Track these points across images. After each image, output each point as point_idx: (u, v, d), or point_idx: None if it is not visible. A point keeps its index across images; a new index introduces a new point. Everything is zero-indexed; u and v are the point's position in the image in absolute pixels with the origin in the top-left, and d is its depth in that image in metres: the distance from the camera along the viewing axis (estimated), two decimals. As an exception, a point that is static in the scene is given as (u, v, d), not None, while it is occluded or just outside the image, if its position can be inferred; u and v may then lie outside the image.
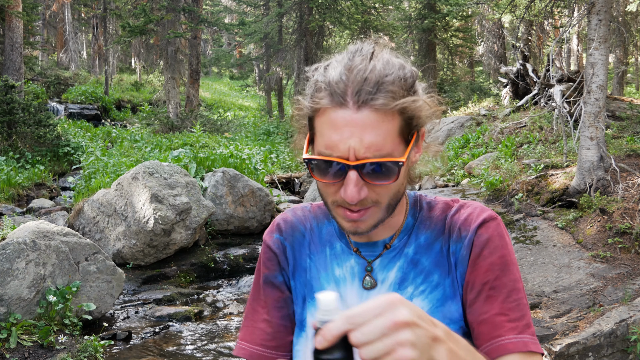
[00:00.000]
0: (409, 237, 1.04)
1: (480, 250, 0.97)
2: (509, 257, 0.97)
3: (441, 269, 1.01)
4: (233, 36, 30.90)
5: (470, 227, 0.99)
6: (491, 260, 0.96)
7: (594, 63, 6.14)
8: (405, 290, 1.00)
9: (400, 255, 1.03)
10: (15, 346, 4.28)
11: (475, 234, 0.98)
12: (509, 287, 0.95)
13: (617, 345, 4.03)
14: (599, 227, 5.73)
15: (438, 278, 1.00)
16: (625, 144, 7.55)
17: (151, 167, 6.99)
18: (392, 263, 1.03)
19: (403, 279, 1.01)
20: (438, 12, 17.42)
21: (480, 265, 0.97)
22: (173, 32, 15.93)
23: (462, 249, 0.99)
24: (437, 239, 1.03)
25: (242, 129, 18.22)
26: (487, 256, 0.97)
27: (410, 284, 1.01)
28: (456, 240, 1.00)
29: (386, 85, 0.88)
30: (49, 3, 26.80)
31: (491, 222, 0.99)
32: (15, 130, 11.35)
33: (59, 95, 20.65)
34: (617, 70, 17.97)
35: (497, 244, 0.97)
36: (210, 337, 5.20)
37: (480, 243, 0.97)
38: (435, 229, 1.04)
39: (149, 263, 6.88)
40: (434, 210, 1.06)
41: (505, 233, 1.00)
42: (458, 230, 1.01)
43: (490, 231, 0.98)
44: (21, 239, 4.76)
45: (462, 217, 1.01)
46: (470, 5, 14.28)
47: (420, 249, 1.03)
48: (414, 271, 1.01)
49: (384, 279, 1.02)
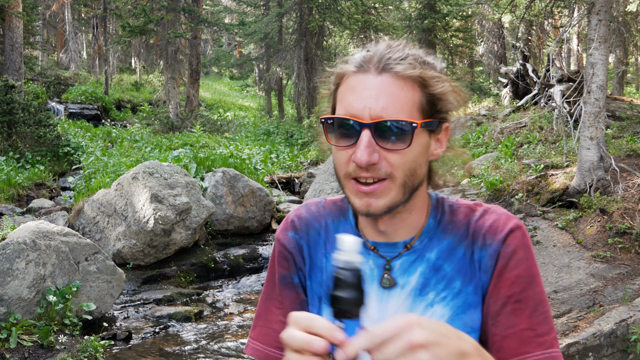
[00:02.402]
0: (431, 239, 1.01)
1: (506, 262, 0.95)
2: (534, 268, 0.96)
3: (464, 276, 0.98)
4: (233, 36, 30.90)
5: (496, 236, 0.97)
6: (517, 272, 0.94)
7: (594, 63, 6.14)
8: (426, 297, 0.98)
9: (421, 260, 1.00)
10: (15, 346, 4.28)
11: (503, 244, 0.96)
12: (535, 300, 0.94)
13: (617, 345, 4.03)
14: (599, 227, 5.73)
15: (460, 285, 0.98)
16: (625, 144, 7.55)
17: (151, 167, 6.99)
18: (414, 267, 1.00)
19: (424, 285, 0.99)
20: (438, 12, 17.42)
21: (507, 277, 0.95)
22: (173, 32, 15.93)
23: (486, 258, 0.97)
24: (459, 244, 1.00)
25: (242, 129, 18.22)
26: (513, 268, 0.95)
27: (431, 290, 0.98)
28: (481, 247, 0.98)
29: (409, 59, 0.94)
30: (49, 3, 26.80)
31: (517, 232, 0.97)
32: (15, 130, 11.35)
33: (59, 95, 20.65)
34: (617, 70, 17.96)
35: (523, 256, 0.95)
36: (210, 337, 5.20)
37: (507, 254, 0.95)
38: (458, 233, 1.00)
39: (149, 263, 6.88)
40: (456, 213, 1.02)
41: (530, 243, 0.98)
42: (483, 237, 0.98)
43: (517, 242, 0.96)
44: (21, 239, 4.76)
45: (487, 224, 0.98)
46: (470, 5, 14.28)
47: (443, 254, 1.00)
48: (436, 277, 0.99)
49: (405, 283, 1.00)
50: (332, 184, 6.67)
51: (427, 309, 0.97)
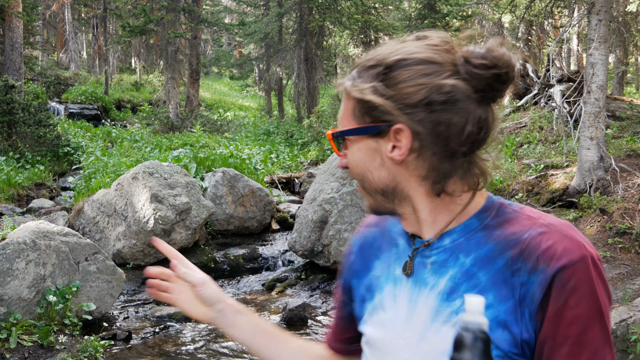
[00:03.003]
0: (468, 240, 0.95)
1: (565, 300, 0.85)
2: (599, 307, 0.86)
3: (498, 290, 0.90)
4: (233, 36, 30.90)
5: (551, 263, 0.86)
6: (578, 311, 0.85)
7: (594, 63, 6.14)
8: (453, 303, 0.93)
9: (454, 262, 0.95)
10: (15, 346, 4.28)
11: (555, 276, 0.85)
12: (595, 343, 0.85)
13: (617, 345, 4.03)
14: (599, 227, 5.73)
15: (492, 299, 0.89)
16: (625, 144, 7.55)
17: (151, 167, 6.99)
18: (445, 269, 0.95)
19: (453, 290, 0.93)
20: (438, 12, 17.42)
21: (565, 316, 0.85)
22: (173, 32, 15.93)
23: (534, 285, 0.87)
24: (502, 253, 0.91)
25: (242, 129, 18.22)
26: (573, 306, 0.85)
27: (459, 297, 0.92)
28: (530, 270, 0.88)
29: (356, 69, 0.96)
30: (49, 3, 26.81)
31: (579, 264, 0.85)
32: (15, 130, 11.35)
33: (59, 95, 20.65)
34: (617, 70, 17.97)
35: (586, 292, 0.85)
36: (210, 337, 5.20)
37: (566, 291, 0.85)
38: (504, 242, 0.91)
39: (149, 263, 6.88)
40: (511, 221, 0.93)
41: (597, 274, 0.86)
42: (536, 260, 0.87)
43: (578, 276, 0.85)
44: (21, 239, 4.76)
45: (545, 245, 0.87)
46: (470, 6, 14.28)
47: (479, 261, 0.92)
48: (467, 284, 0.92)
49: (435, 284, 0.95)
50: (332, 184, 6.67)
51: (451, 316, 0.93)
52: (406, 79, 0.89)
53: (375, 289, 1.07)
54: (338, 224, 6.40)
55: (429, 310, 0.95)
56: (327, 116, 16.99)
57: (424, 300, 0.96)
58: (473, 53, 0.90)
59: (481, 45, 0.92)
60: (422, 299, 0.97)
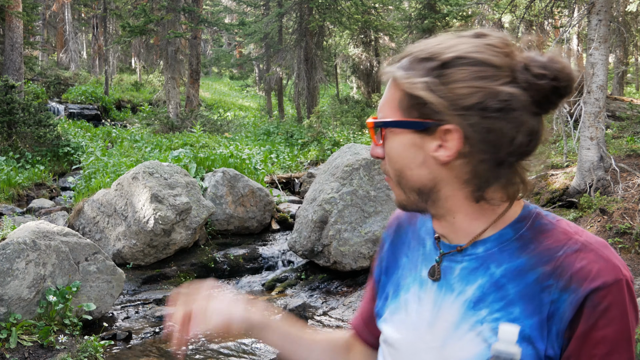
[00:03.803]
0: (501, 251, 0.92)
1: (595, 321, 0.84)
2: (627, 331, 0.85)
3: (526, 305, 0.88)
4: (233, 36, 30.90)
5: (584, 283, 0.84)
6: (605, 332, 0.84)
7: (594, 63, 6.14)
8: (479, 312, 0.91)
9: (484, 272, 0.93)
10: (15, 346, 4.28)
11: (588, 297, 0.84)
12: None
13: (617, 345, 4.03)
14: (599, 227, 5.73)
15: (519, 313, 0.88)
16: (625, 144, 7.55)
17: (151, 167, 6.99)
18: (474, 277, 0.94)
19: (480, 299, 0.92)
20: (438, 12, 17.42)
21: (593, 337, 0.84)
22: (173, 32, 15.93)
23: (565, 304, 0.85)
24: (535, 268, 0.89)
25: (242, 129, 18.22)
26: (601, 328, 0.84)
27: (486, 307, 0.91)
28: (562, 288, 0.86)
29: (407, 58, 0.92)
30: (49, 3, 26.81)
31: (613, 287, 0.84)
32: (15, 130, 11.35)
33: (59, 95, 20.65)
34: (617, 70, 17.97)
35: (617, 315, 0.84)
36: (210, 337, 5.20)
37: (597, 312, 0.84)
38: (537, 256, 0.89)
39: (149, 263, 6.88)
40: (547, 234, 0.91)
41: (629, 298, 0.85)
42: (569, 279, 0.86)
43: (610, 299, 0.84)
44: (21, 239, 4.76)
45: (579, 264, 0.86)
46: (470, 6, 14.28)
47: (510, 273, 0.90)
48: (495, 294, 0.91)
49: (461, 291, 0.94)
50: (332, 184, 6.67)
51: (476, 326, 0.91)
52: (462, 78, 0.86)
53: (401, 289, 1.06)
54: (338, 224, 6.40)
55: (453, 317, 0.94)
56: (327, 116, 16.99)
57: (449, 306, 0.95)
58: (534, 61, 0.87)
59: (542, 53, 0.89)
60: (447, 304, 0.96)
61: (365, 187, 6.54)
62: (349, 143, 8.62)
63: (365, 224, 6.39)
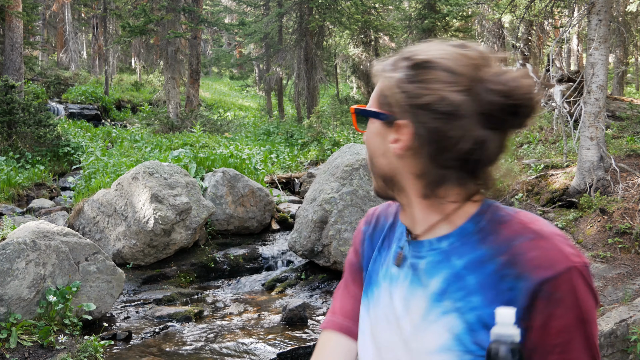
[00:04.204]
0: (463, 244, 0.96)
1: (551, 311, 0.87)
2: (586, 314, 0.88)
3: (485, 294, 0.91)
4: (233, 36, 30.90)
5: (536, 272, 0.88)
6: (564, 322, 0.87)
7: (594, 63, 6.14)
8: (443, 304, 0.95)
9: (447, 264, 0.96)
10: (15, 346, 4.28)
11: (540, 287, 0.87)
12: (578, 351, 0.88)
13: (617, 345, 4.03)
14: (599, 227, 5.73)
15: (479, 302, 0.92)
16: (625, 144, 7.55)
17: (151, 167, 6.99)
18: (437, 270, 0.97)
19: (443, 291, 0.96)
20: (438, 12, 17.42)
21: (552, 326, 0.88)
22: (173, 32, 15.93)
23: (518, 292, 0.89)
24: (493, 259, 0.92)
25: (242, 129, 18.21)
26: (559, 317, 0.87)
27: (448, 298, 0.95)
28: (517, 277, 0.89)
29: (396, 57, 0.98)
30: (49, 3, 26.81)
31: (564, 275, 0.87)
32: (15, 130, 11.35)
33: (59, 95, 20.65)
34: (617, 70, 17.96)
35: (571, 304, 0.87)
36: (210, 337, 5.20)
37: (552, 302, 0.87)
38: (496, 247, 0.93)
39: (149, 263, 6.88)
40: (503, 226, 0.94)
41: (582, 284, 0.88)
42: (522, 267, 0.89)
43: (564, 288, 0.87)
44: (21, 239, 4.76)
45: (532, 253, 0.89)
46: (470, 6, 14.28)
47: (471, 264, 0.94)
48: (456, 285, 0.94)
49: (427, 285, 0.98)
50: (332, 184, 6.66)
51: (441, 317, 0.95)
52: (424, 80, 0.91)
53: (373, 283, 1.10)
54: (338, 224, 6.40)
55: (420, 310, 0.98)
56: (327, 116, 16.99)
57: (418, 300, 0.99)
58: (495, 76, 0.90)
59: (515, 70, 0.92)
60: (416, 298, 0.99)
61: (365, 187, 6.54)
62: (349, 143, 8.62)
63: (365, 224, 6.39)
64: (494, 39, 19.35)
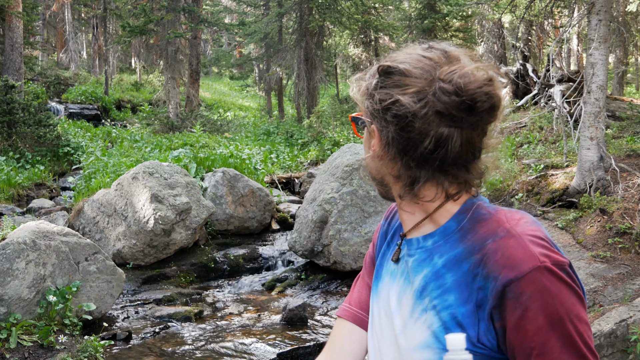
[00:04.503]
0: (446, 242, 0.97)
1: (522, 313, 0.86)
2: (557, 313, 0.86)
3: (460, 292, 0.92)
4: (233, 36, 30.90)
5: (500, 274, 0.87)
6: (538, 323, 0.86)
7: (594, 63, 6.14)
8: (423, 301, 0.97)
9: (429, 262, 0.98)
10: (15, 346, 4.28)
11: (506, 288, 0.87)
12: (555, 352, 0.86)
13: (617, 345, 4.03)
14: (599, 227, 5.73)
15: (453, 300, 0.93)
16: (625, 144, 7.55)
17: (151, 167, 6.99)
18: (421, 268, 1.00)
19: (424, 288, 0.97)
20: (438, 12, 17.42)
21: (526, 329, 0.87)
22: (173, 32, 15.93)
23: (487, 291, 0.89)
24: (468, 257, 0.93)
25: (242, 129, 18.21)
26: (532, 319, 0.86)
27: (427, 295, 0.96)
28: (485, 277, 0.89)
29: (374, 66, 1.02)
30: (49, 3, 26.80)
31: (529, 276, 0.86)
32: (15, 130, 11.35)
33: (59, 95, 20.64)
34: (617, 70, 17.96)
35: (542, 303, 0.86)
36: (210, 337, 5.20)
37: (521, 303, 0.86)
38: (472, 245, 0.93)
39: (149, 263, 6.88)
40: (482, 224, 0.95)
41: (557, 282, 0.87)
42: (490, 267, 0.89)
43: (531, 288, 0.86)
44: (21, 239, 4.76)
45: (501, 252, 0.89)
46: (470, 6, 14.28)
47: (449, 263, 0.95)
48: (434, 283, 0.96)
49: (412, 282, 1.01)
50: (332, 184, 6.66)
51: (422, 314, 0.97)
52: (385, 85, 0.94)
53: (379, 277, 1.13)
54: (338, 224, 6.40)
55: (408, 306, 1.01)
56: (327, 116, 16.98)
57: (406, 297, 1.02)
58: (448, 74, 0.90)
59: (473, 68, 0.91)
60: (405, 295, 1.02)
61: (365, 187, 6.54)
62: (349, 143, 8.62)
63: (365, 224, 6.39)
64: (494, 39, 19.35)
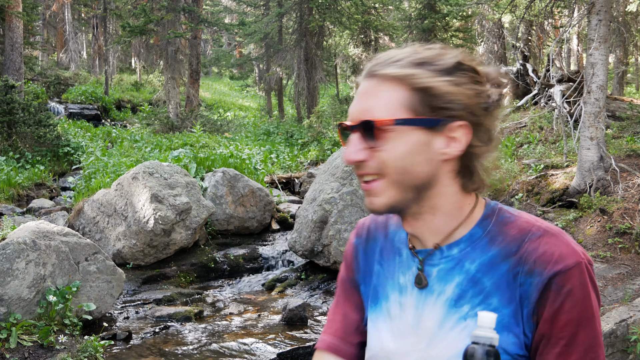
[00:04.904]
0: (474, 249, 0.98)
1: (561, 304, 0.90)
2: (591, 310, 0.91)
3: (502, 294, 0.94)
4: (233, 36, 30.90)
5: (547, 267, 0.91)
6: (571, 316, 0.90)
7: (594, 63, 6.14)
8: (461, 309, 0.96)
9: (460, 270, 0.98)
10: (15, 346, 4.28)
11: (551, 280, 0.90)
12: (586, 344, 0.90)
13: (617, 346, 4.03)
14: (599, 227, 5.73)
15: (497, 302, 0.94)
16: (625, 144, 7.54)
17: (151, 167, 6.99)
18: (451, 276, 0.98)
19: (460, 297, 0.97)
20: (438, 12, 17.41)
21: (559, 319, 0.90)
22: (173, 32, 15.93)
23: (531, 287, 0.92)
24: (505, 259, 0.95)
25: (242, 129, 18.21)
26: (567, 310, 0.90)
27: (467, 302, 0.96)
28: (527, 273, 0.92)
29: (401, 61, 0.95)
30: (49, 3, 26.80)
31: (575, 269, 0.90)
32: (15, 130, 11.35)
33: (59, 95, 20.64)
34: (617, 70, 17.96)
35: (579, 297, 0.90)
36: (210, 337, 5.20)
37: (562, 295, 0.90)
38: (506, 248, 0.95)
39: (149, 263, 6.88)
40: (510, 226, 0.97)
41: (590, 280, 0.92)
42: (533, 263, 0.92)
43: (573, 281, 0.90)
44: (21, 239, 4.76)
45: (541, 250, 0.92)
46: (470, 6, 14.28)
47: (484, 267, 0.96)
48: (473, 290, 0.96)
49: (441, 291, 0.99)
50: (332, 184, 6.66)
51: (460, 322, 0.96)
52: (466, 81, 0.94)
53: (381, 297, 1.08)
54: (338, 224, 6.40)
55: (436, 317, 0.98)
56: (327, 116, 16.98)
57: (431, 308, 0.99)
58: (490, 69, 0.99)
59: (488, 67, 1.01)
60: (429, 306, 0.99)
61: (365, 187, 6.53)
62: (349, 143, 8.60)
63: (365, 224, 6.39)
64: (494, 39, 19.35)
